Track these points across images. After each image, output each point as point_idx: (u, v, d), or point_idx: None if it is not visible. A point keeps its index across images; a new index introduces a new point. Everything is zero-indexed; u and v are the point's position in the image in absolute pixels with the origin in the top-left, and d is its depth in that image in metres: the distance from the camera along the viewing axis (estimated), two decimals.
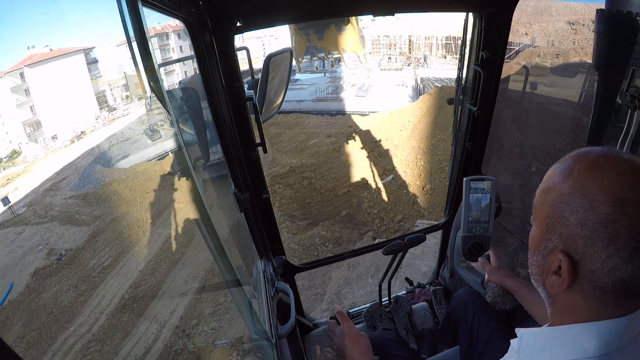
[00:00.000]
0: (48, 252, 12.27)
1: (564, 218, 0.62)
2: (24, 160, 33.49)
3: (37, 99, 35.18)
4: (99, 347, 8.50)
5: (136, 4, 0.69)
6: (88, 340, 8.75)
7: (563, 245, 0.63)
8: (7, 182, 27.40)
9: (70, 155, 27.42)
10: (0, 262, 12.55)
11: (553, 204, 0.65)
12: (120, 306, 9.60)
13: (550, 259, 0.66)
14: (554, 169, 0.68)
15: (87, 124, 35.04)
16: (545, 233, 0.67)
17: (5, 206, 17.86)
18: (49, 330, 9.37)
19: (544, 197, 0.68)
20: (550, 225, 0.65)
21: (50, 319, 9.69)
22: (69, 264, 11.62)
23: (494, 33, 1.60)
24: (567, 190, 0.62)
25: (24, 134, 35.33)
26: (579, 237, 0.60)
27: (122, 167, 19.16)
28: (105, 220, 13.88)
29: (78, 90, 31.95)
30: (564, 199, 0.62)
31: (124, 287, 10.22)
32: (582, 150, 0.66)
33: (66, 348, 8.69)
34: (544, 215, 0.67)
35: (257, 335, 1.34)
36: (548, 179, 0.68)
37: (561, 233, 0.63)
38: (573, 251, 0.62)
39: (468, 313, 1.60)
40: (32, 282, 11.02)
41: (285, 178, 13.95)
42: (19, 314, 10.04)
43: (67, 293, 10.47)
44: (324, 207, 11.94)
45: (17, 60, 34.97)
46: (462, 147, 1.97)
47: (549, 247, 0.66)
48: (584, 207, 0.60)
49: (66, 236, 13.17)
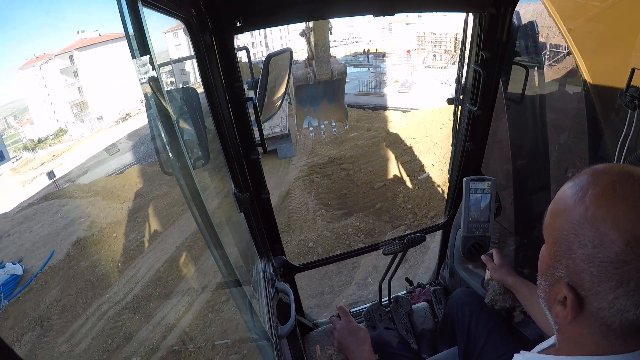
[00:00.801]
0: (90, 224, 12.99)
1: (571, 250, 0.58)
2: (69, 138, 34.32)
3: (85, 81, 36.14)
4: (131, 315, 8.87)
5: (136, 4, 0.69)
6: (122, 307, 9.16)
7: (569, 278, 0.59)
8: (52, 158, 28.67)
9: (115, 135, 28.39)
10: (43, 230, 13.38)
11: (561, 232, 0.60)
12: (155, 279, 9.99)
13: (556, 288, 0.62)
14: (566, 190, 0.62)
15: (133, 107, 35.77)
16: (552, 260, 0.63)
17: (50, 180, 18.64)
18: (85, 295, 9.86)
19: (552, 221, 0.63)
20: (557, 254, 0.61)
21: (87, 285, 10.22)
22: (109, 236, 12.17)
23: (494, 33, 1.61)
24: (577, 218, 0.57)
25: (71, 114, 36.27)
26: (585, 274, 0.56)
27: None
28: (147, 198, 14.55)
29: (124, 73, 32.95)
30: (572, 229, 0.57)
31: (160, 261, 10.61)
32: (598, 168, 0.60)
33: (100, 313, 9.12)
34: (552, 240, 0.63)
35: (257, 335, 1.33)
36: (559, 200, 0.63)
37: (568, 265, 0.59)
38: (579, 286, 0.58)
39: (465, 314, 1.60)
40: (72, 250, 11.68)
41: (324, 168, 14.22)
42: (57, 279, 10.68)
43: (105, 263, 10.99)
44: (360, 198, 12.10)
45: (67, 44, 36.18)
46: (462, 147, 1.97)
47: (555, 275, 0.62)
48: (592, 242, 0.55)
49: (108, 210, 13.89)
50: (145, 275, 10.19)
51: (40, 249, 12.10)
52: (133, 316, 8.82)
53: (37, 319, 9.39)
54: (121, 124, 34.47)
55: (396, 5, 1.50)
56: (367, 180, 12.89)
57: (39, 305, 9.84)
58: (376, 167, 13.74)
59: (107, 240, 12.04)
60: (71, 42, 37.51)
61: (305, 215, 11.45)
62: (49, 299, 9.95)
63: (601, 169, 0.60)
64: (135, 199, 14.72)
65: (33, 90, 37.36)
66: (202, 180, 1.43)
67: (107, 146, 26.11)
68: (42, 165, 27.84)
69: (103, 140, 28.76)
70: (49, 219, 14.18)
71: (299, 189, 12.94)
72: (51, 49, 37.72)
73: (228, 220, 1.60)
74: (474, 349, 1.50)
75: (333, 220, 11.03)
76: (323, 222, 10.91)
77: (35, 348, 8.61)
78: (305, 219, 11.26)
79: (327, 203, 12.00)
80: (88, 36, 37.83)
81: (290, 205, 11.98)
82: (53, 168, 22.48)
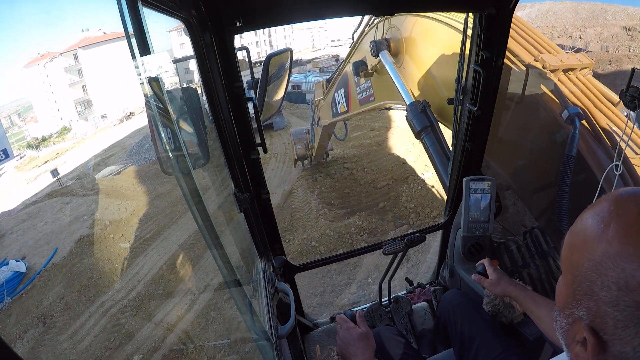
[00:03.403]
0: (92, 222, 13.12)
1: (593, 292, 0.52)
2: (73, 136, 34.66)
3: (89, 79, 36.45)
4: (134, 312, 8.99)
5: (136, 4, 0.69)
6: (124, 305, 9.29)
7: (590, 320, 0.53)
8: (56, 155, 28.99)
9: (119, 133, 28.59)
10: (47, 228, 13.50)
11: (581, 269, 0.53)
12: (158, 277, 10.10)
13: (576, 328, 0.56)
14: (585, 220, 0.55)
15: (137, 105, 35.95)
16: (571, 299, 0.56)
17: (54, 178, 18.86)
18: (87, 293, 10.02)
19: (570, 254, 0.57)
20: (577, 293, 0.55)
21: (90, 283, 10.38)
22: (112, 234, 12.29)
23: (494, 33, 1.60)
24: (599, 256, 0.51)
25: (75, 112, 36.61)
26: (609, 318, 0.50)
27: None
28: (150, 196, 14.79)
29: (128, 72, 33.07)
30: (594, 268, 0.51)
31: (163, 259, 10.73)
32: (621, 195, 0.54)
33: (103, 310, 9.25)
34: (570, 277, 0.56)
35: (257, 335, 1.33)
36: (577, 232, 0.56)
37: (589, 307, 0.53)
38: (601, 330, 0.52)
39: (457, 316, 1.59)
40: (75, 248, 11.83)
41: (327, 167, 14.25)
42: (61, 277, 10.81)
43: (108, 261, 11.12)
44: (363, 198, 12.13)
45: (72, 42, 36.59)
46: (462, 147, 1.96)
47: (574, 314, 0.56)
48: (617, 284, 0.49)
49: (111, 208, 14.00)
50: (148, 273, 10.31)
51: (44, 247, 12.21)
52: (135, 314, 8.92)
53: (40, 316, 9.48)
54: (125, 122, 34.71)
55: (396, 5, 1.50)
56: (370, 179, 12.91)
57: (42, 302, 9.93)
58: (379, 166, 13.75)
59: (110, 238, 12.15)
60: (76, 41, 37.82)
61: (308, 214, 11.47)
62: (52, 296, 10.07)
63: (625, 197, 0.53)
64: (139, 197, 14.87)
65: (37, 88, 37.64)
66: (202, 180, 1.43)
67: (111, 144, 26.36)
68: (46, 163, 28.08)
69: (107, 138, 29.02)
70: (52, 217, 14.32)
71: (302, 187, 12.97)
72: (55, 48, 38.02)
73: (228, 220, 1.61)
74: (468, 351, 1.49)
75: (336, 219, 11.05)
76: (326, 221, 10.94)
77: (37, 345, 8.69)
78: (308, 217, 11.29)
79: (330, 202, 12.03)
80: (92, 34, 38.14)
81: (294, 204, 12.02)
82: (57, 166, 22.70)
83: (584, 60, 2.26)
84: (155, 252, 11.13)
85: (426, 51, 2.83)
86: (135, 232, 12.36)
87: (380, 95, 4.12)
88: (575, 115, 1.84)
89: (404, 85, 2.87)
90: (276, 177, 14.42)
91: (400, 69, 3.12)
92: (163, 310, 8.78)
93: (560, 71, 2.15)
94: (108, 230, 12.49)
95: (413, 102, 2.70)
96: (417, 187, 11.65)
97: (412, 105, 2.68)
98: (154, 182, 15.85)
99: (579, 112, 1.85)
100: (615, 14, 7.73)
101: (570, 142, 1.80)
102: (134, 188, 15.92)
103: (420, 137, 2.59)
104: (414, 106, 2.66)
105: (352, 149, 15.44)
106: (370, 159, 14.44)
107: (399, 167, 13.35)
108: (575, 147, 1.79)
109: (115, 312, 9.04)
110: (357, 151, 15.11)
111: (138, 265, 10.71)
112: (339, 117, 6.23)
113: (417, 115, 2.60)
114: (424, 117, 2.57)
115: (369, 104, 4.55)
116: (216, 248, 0.99)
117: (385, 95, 3.95)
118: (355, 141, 16.28)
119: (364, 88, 4.55)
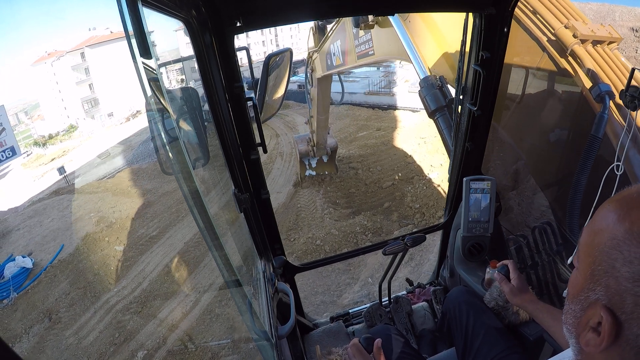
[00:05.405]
0: (99, 219, 13.22)
1: (614, 268, 0.52)
2: (80, 134, 35.05)
3: (96, 77, 36.78)
4: (139, 309, 9.02)
5: (136, 4, 0.70)
6: (129, 301, 9.33)
7: (608, 300, 0.53)
8: (63, 153, 29.24)
9: (126, 131, 28.77)
10: (53, 225, 13.63)
11: (602, 248, 0.54)
12: (164, 273, 10.17)
13: (590, 312, 0.56)
14: (607, 208, 0.57)
15: (143, 104, 36.16)
16: (589, 281, 0.56)
17: (60, 175, 19.15)
18: (93, 289, 10.09)
19: (592, 239, 0.57)
20: (596, 273, 0.55)
21: (96, 279, 10.44)
22: (118, 232, 12.41)
23: (494, 33, 1.60)
24: (622, 234, 0.51)
25: (82, 110, 36.98)
26: (628, 294, 0.50)
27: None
28: (156, 194, 14.83)
29: (134, 71, 33.13)
30: (616, 245, 0.52)
31: (169, 257, 10.80)
32: None
33: (108, 307, 9.30)
34: (590, 260, 0.56)
35: (257, 335, 1.34)
36: (599, 219, 0.57)
37: (608, 285, 0.53)
38: (619, 309, 0.52)
39: (462, 312, 1.59)
40: (81, 245, 11.90)
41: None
42: (67, 273, 10.91)
43: (113, 257, 11.22)
44: (368, 197, 12.09)
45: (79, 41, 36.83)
46: (462, 147, 1.96)
47: (590, 298, 0.56)
48: None
49: (117, 206, 14.13)
50: (153, 270, 10.37)
51: (50, 243, 12.32)
52: (141, 310, 8.96)
53: (46, 311, 9.58)
54: (131, 121, 34.93)
55: (396, 5, 1.50)
56: (376, 179, 12.88)
57: (48, 298, 10.03)
58: (385, 166, 13.70)
59: (117, 236, 12.23)
60: (82, 39, 38.12)
61: (314, 213, 11.47)
62: (58, 292, 10.15)
63: None
64: (145, 195, 14.93)
65: (44, 86, 37.93)
66: (202, 180, 1.44)
67: (117, 142, 26.54)
68: (52, 160, 28.30)
69: (113, 136, 29.19)
70: (59, 214, 14.42)
71: (307, 187, 12.97)
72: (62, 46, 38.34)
73: (228, 221, 1.62)
74: (471, 348, 1.50)
75: (341, 218, 11.03)
76: (331, 220, 10.92)
77: (43, 340, 8.78)
78: (314, 216, 11.29)
79: (335, 201, 12.01)
80: (99, 33, 38.41)
81: (299, 203, 12.02)
82: (63, 163, 22.90)
83: (613, 34, 2.07)
84: (161, 249, 11.19)
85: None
86: (142, 230, 12.44)
87: (381, 49, 3.85)
88: (607, 93, 1.69)
89: (411, 43, 2.58)
90: (282, 176, 14.42)
91: (406, 22, 2.78)
92: (169, 306, 8.84)
93: (590, 42, 1.97)
94: (113, 227, 12.59)
95: (427, 76, 2.43)
96: (422, 187, 11.62)
97: (426, 80, 2.42)
98: (160, 180, 15.94)
99: (610, 90, 1.70)
100: (623, 15, 7.58)
101: (598, 122, 1.65)
102: (140, 186, 16.01)
103: (434, 117, 2.38)
104: (428, 81, 2.39)
105: (358, 148, 15.41)
106: (376, 158, 14.37)
107: (404, 167, 13.32)
108: (603, 129, 1.65)
109: (121, 308, 9.11)
110: (363, 151, 15.04)
111: (144, 262, 10.78)
112: (334, 70, 5.93)
113: (431, 92, 2.35)
114: (440, 96, 2.33)
115: (367, 57, 4.29)
116: (216, 248, 1.00)
117: (386, 50, 3.69)
118: (361, 141, 16.24)
119: (362, 41, 4.29)
